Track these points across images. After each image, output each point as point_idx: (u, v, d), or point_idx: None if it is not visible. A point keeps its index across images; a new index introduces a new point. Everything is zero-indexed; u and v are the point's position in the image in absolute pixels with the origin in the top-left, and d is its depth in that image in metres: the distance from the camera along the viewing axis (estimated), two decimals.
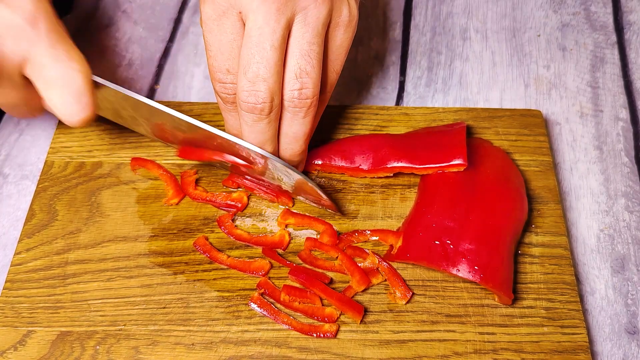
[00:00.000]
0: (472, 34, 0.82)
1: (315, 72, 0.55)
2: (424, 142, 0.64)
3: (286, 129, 0.58)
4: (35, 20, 0.53)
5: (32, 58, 0.54)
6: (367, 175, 0.64)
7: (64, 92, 0.54)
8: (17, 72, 0.54)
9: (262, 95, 0.53)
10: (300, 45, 0.54)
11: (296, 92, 0.55)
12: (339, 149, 0.65)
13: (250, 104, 0.54)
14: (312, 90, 0.55)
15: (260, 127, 0.56)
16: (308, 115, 0.56)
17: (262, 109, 0.54)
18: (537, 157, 0.66)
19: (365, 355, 0.54)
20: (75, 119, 0.55)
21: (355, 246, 0.60)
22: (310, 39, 0.54)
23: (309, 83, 0.54)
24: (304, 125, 0.57)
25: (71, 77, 0.54)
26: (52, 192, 0.64)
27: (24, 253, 0.60)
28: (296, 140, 0.58)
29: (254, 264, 0.59)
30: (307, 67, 0.54)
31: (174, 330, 0.56)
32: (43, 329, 0.56)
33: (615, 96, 0.75)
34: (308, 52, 0.54)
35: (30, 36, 0.53)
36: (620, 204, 0.66)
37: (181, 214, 0.63)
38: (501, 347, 0.55)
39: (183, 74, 0.77)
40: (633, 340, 0.58)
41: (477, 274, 0.56)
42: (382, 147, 0.64)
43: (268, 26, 0.52)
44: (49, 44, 0.54)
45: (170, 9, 0.84)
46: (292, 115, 0.56)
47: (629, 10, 0.83)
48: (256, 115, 0.55)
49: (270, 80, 0.53)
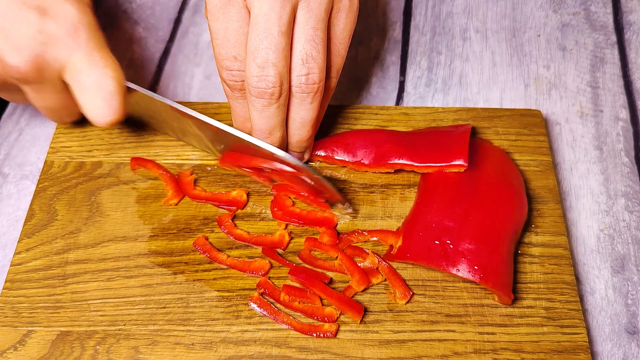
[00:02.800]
0: (472, 34, 0.82)
1: (321, 56, 0.56)
2: (426, 140, 0.64)
3: (294, 114, 0.59)
4: (77, 31, 0.57)
5: (70, 64, 0.57)
6: (368, 170, 0.64)
7: (96, 96, 0.58)
8: (58, 77, 0.58)
9: (272, 80, 0.54)
10: (305, 31, 0.55)
11: (303, 78, 0.56)
12: (341, 142, 0.65)
13: (261, 89, 0.55)
14: (318, 75, 0.56)
15: (270, 112, 0.57)
16: (315, 100, 0.57)
17: (272, 94, 0.55)
18: (537, 156, 0.66)
19: (365, 355, 0.54)
20: (102, 121, 0.58)
21: (355, 246, 0.60)
22: (315, 24, 0.55)
23: (316, 68, 0.56)
24: (311, 110, 0.58)
25: (104, 83, 0.58)
26: (52, 191, 0.64)
27: (23, 253, 0.60)
28: (303, 126, 0.59)
29: (253, 263, 0.59)
30: (313, 52, 0.55)
31: (174, 330, 0.56)
32: (43, 329, 0.56)
33: (615, 96, 0.75)
34: (313, 38, 0.55)
35: (70, 45, 0.57)
36: (620, 204, 0.66)
37: (181, 213, 0.63)
38: (501, 347, 0.55)
39: (183, 74, 0.77)
40: (633, 340, 0.58)
41: (476, 274, 0.56)
42: (385, 143, 0.64)
43: (274, 12, 0.53)
44: (87, 51, 0.57)
45: (170, 9, 0.84)
46: (300, 101, 0.57)
47: (629, 10, 0.83)
48: (266, 100, 0.56)
49: (279, 65, 0.54)
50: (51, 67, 0.57)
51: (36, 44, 0.56)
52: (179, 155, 0.66)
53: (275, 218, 0.62)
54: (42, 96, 0.60)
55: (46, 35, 0.56)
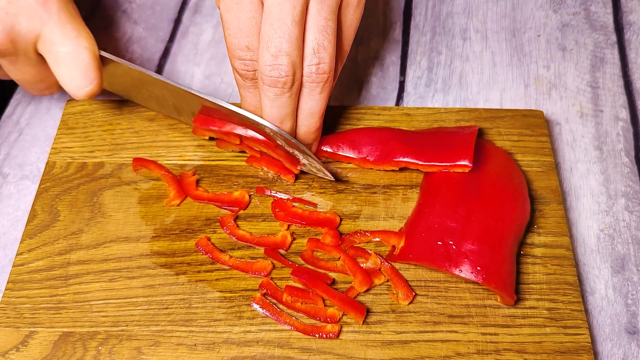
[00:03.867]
0: (472, 34, 0.82)
1: (331, 47, 0.56)
2: (432, 140, 0.64)
3: (303, 104, 0.59)
4: (47, 1, 0.58)
5: (43, 35, 0.58)
6: (373, 167, 0.65)
7: (72, 67, 0.58)
8: (32, 48, 0.59)
9: (285, 69, 0.55)
10: (318, 22, 0.55)
11: (314, 67, 0.56)
12: (347, 138, 0.65)
13: (274, 78, 0.55)
14: (329, 64, 0.57)
15: (282, 101, 0.57)
16: (324, 90, 0.58)
17: (285, 82, 0.56)
18: (539, 157, 0.66)
19: (367, 355, 0.55)
20: (81, 92, 0.59)
21: (358, 247, 0.60)
22: (327, 15, 0.56)
23: (326, 58, 0.56)
24: (320, 101, 0.59)
25: (79, 53, 0.59)
26: (53, 192, 0.64)
27: (26, 254, 0.60)
28: (312, 116, 0.60)
29: (256, 264, 0.59)
30: (325, 42, 0.56)
31: (176, 331, 0.56)
32: (45, 330, 0.56)
33: (615, 96, 0.75)
34: (325, 28, 0.56)
35: (42, 15, 0.57)
36: (620, 204, 0.67)
37: (183, 214, 0.63)
38: (504, 348, 0.55)
39: (183, 74, 0.77)
40: (633, 340, 0.59)
41: (479, 275, 0.56)
42: (391, 141, 0.64)
43: (288, 2, 0.54)
44: (59, 22, 0.58)
45: (170, 9, 0.84)
46: (310, 91, 0.58)
47: (629, 10, 0.84)
48: (279, 89, 0.56)
49: (293, 54, 0.55)
50: (24, 38, 0.57)
51: (6, 15, 0.56)
52: (181, 156, 0.66)
53: (277, 219, 0.62)
54: (18, 68, 0.60)
55: (15, 5, 0.56)
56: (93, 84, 0.59)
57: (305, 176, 0.65)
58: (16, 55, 0.59)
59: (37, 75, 0.62)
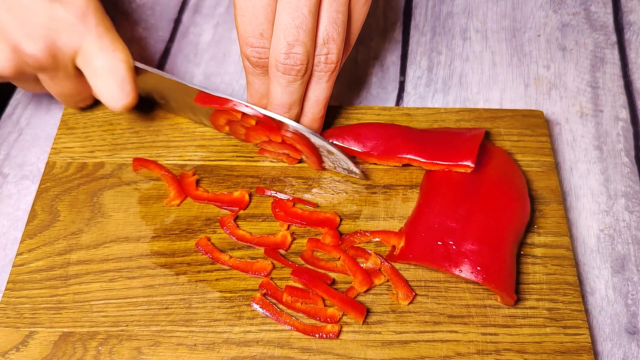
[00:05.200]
0: (472, 34, 0.82)
1: (340, 39, 0.58)
2: (437, 139, 0.64)
3: (309, 92, 0.61)
4: (86, 16, 0.59)
5: (82, 49, 0.60)
6: (376, 162, 0.65)
7: (109, 81, 0.60)
8: (71, 63, 0.60)
9: (300, 57, 0.56)
10: (329, 13, 0.57)
11: (322, 57, 0.58)
12: (353, 132, 0.65)
13: (289, 66, 0.57)
14: (336, 55, 0.58)
15: (293, 88, 0.59)
16: (330, 80, 0.60)
17: (299, 70, 0.57)
18: (539, 157, 0.66)
19: (367, 355, 0.55)
20: (118, 105, 0.61)
21: (358, 247, 0.60)
22: (338, 7, 0.57)
23: (335, 49, 0.58)
24: (325, 89, 0.60)
25: (115, 66, 0.60)
26: (54, 192, 0.64)
27: (26, 254, 0.60)
28: (317, 104, 0.61)
29: (256, 264, 0.59)
30: (334, 34, 0.57)
31: (176, 331, 0.56)
32: (45, 330, 0.56)
33: (615, 96, 0.75)
34: (336, 20, 0.57)
35: (81, 30, 0.59)
36: (620, 204, 0.67)
37: (183, 214, 0.63)
38: (504, 348, 0.55)
39: (183, 74, 0.77)
40: (633, 340, 0.59)
41: (479, 275, 0.56)
42: (396, 137, 0.64)
43: None
44: (97, 36, 0.60)
45: (170, 9, 0.84)
46: (317, 80, 0.60)
47: (629, 10, 0.84)
48: (292, 77, 0.57)
49: (308, 44, 0.56)
50: (64, 53, 0.59)
51: (49, 31, 0.57)
52: (181, 156, 0.66)
53: (277, 219, 0.62)
54: (57, 82, 0.62)
55: (57, 21, 0.58)
56: (130, 96, 0.61)
57: (305, 176, 0.65)
58: (56, 70, 0.60)
59: (75, 88, 0.63)
